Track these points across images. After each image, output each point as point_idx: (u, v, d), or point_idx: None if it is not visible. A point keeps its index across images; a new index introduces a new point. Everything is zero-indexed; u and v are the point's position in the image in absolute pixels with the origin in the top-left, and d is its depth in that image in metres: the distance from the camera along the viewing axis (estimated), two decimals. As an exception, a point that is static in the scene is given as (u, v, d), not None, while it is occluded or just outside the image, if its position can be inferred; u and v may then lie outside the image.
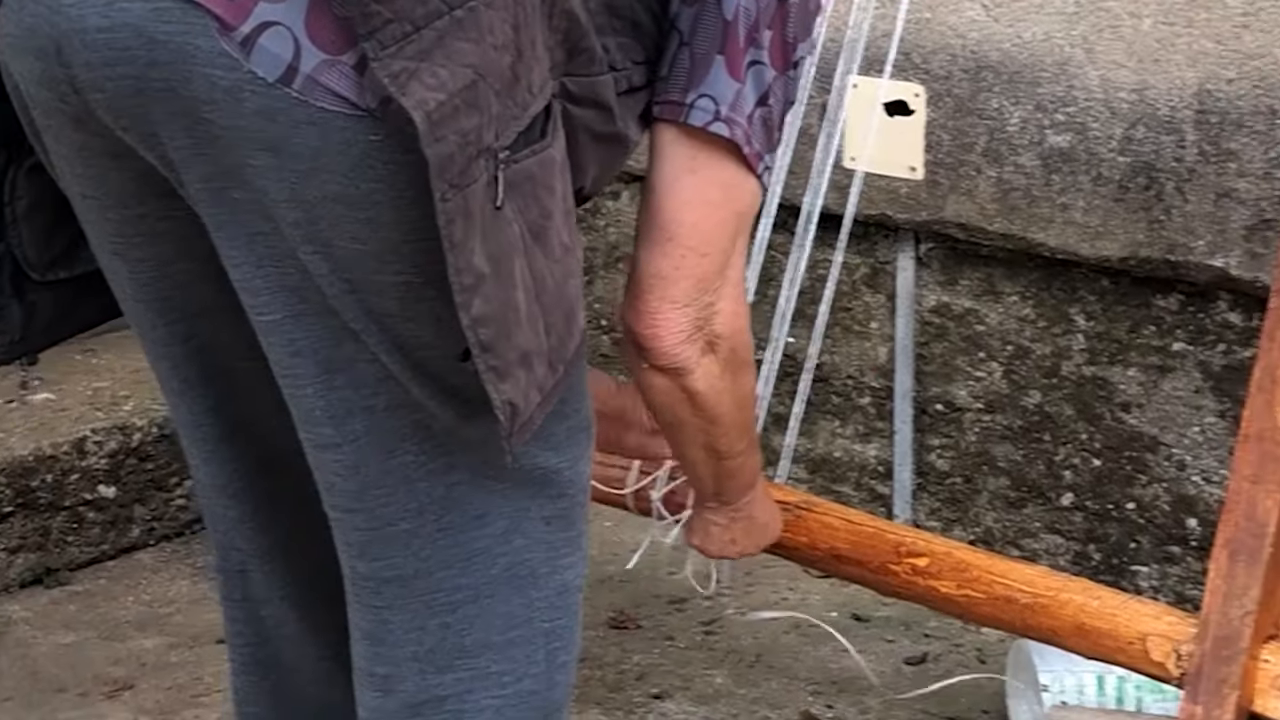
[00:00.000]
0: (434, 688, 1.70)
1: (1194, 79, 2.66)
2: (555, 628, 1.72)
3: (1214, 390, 2.76)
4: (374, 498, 1.63)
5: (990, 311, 2.97)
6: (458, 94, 1.45)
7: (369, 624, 1.70)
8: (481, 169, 1.48)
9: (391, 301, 1.54)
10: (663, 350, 1.76)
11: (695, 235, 1.74)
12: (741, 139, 1.72)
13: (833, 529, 2.33)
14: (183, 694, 2.69)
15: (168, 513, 3.14)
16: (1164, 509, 2.83)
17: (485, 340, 1.50)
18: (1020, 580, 2.19)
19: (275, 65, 1.46)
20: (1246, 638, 1.98)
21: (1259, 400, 2.02)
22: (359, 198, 1.49)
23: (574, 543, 1.73)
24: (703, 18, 1.72)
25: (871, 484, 3.14)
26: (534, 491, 1.68)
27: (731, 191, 1.75)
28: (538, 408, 1.58)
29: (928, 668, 2.75)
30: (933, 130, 2.89)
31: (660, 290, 1.75)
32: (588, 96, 1.67)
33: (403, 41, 1.44)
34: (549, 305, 1.57)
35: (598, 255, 3.40)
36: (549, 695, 1.74)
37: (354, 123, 1.47)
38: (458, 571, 1.67)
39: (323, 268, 1.52)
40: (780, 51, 1.74)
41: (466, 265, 1.47)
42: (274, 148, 1.48)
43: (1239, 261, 2.65)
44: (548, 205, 1.57)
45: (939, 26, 2.89)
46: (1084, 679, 2.42)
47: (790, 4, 1.74)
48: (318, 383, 1.59)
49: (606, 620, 2.82)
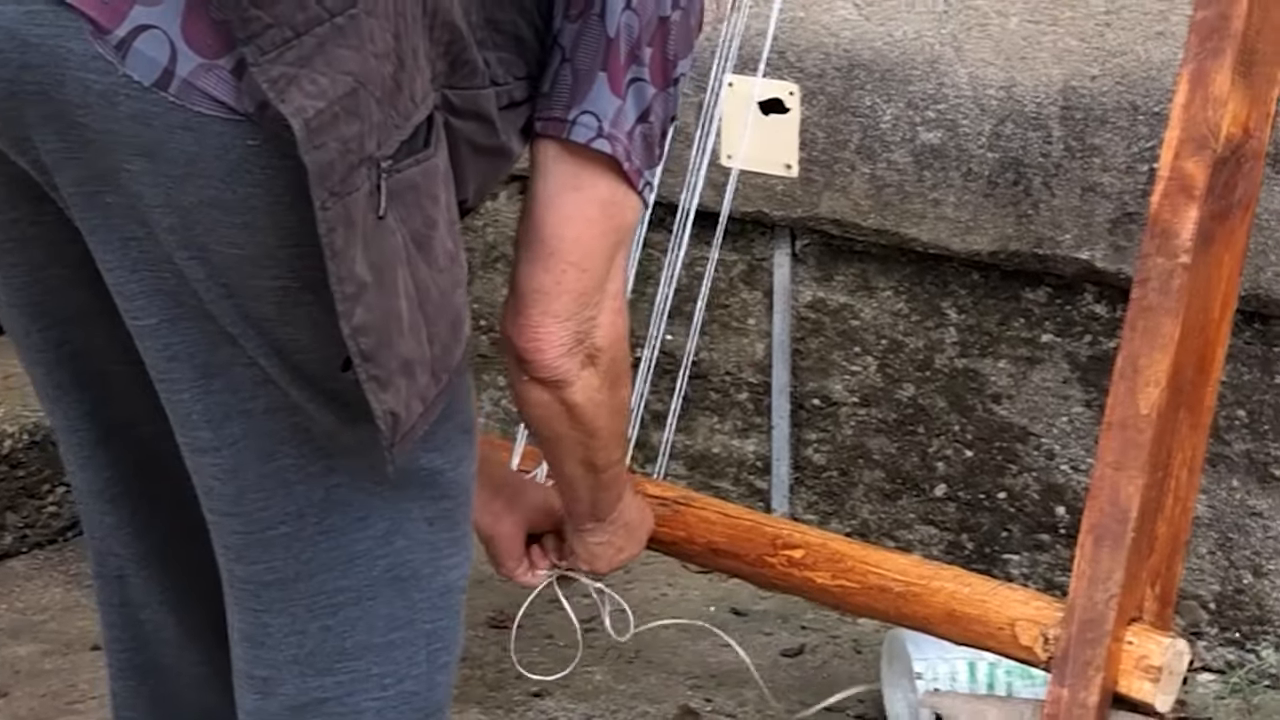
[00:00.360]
0: (314, 690, 1.70)
1: (1059, 76, 2.71)
2: (437, 629, 1.73)
3: (1081, 380, 2.81)
4: (252, 501, 1.63)
5: (865, 306, 3.01)
6: (338, 101, 1.46)
7: (249, 627, 1.70)
8: (363, 177, 1.48)
9: (269, 306, 1.54)
10: (544, 363, 1.78)
11: (576, 251, 1.75)
12: (622, 155, 1.74)
13: (710, 523, 2.36)
14: (58, 700, 2.68)
15: (40, 520, 3.12)
16: (1034, 498, 2.88)
17: (366, 349, 1.51)
18: (893, 570, 2.22)
19: (151, 69, 1.46)
20: (1111, 620, 2.02)
21: (1121, 388, 2.06)
22: (235, 203, 1.49)
23: (457, 543, 1.74)
24: (585, 35, 1.73)
25: (750, 479, 3.17)
26: (416, 493, 1.68)
27: (612, 208, 1.76)
28: (420, 417, 1.58)
29: (805, 659, 2.78)
30: (807, 128, 2.93)
31: (542, 305, 1.76)
32: (469, 109, 1.68)
33: (282, 47, 1.44)
34: (433, 314, 1.58)
35: (475, 255, 3.42)
36: (430, 696, 1.74)
37: (231, 127, 1.47)
38: (339, 574, 1.67)
39: (199, 272, 1.52)
40: (661, 68, 1.76)
41: (348, 274, 1.48)
42: (149, 152, 1.48)
43: (1104, 254, 2.70)
44: (431, 214, 1.58)
45: (812, 26, 2.92)
46: (956, 666, 2.47)
47: (671, 22, 1.75)
48: (195, 387, 1.59)
49: (486, 620, 2.83)
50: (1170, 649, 2.02)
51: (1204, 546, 2.74)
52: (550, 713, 2.64)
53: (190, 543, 1.78)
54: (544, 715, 2.63)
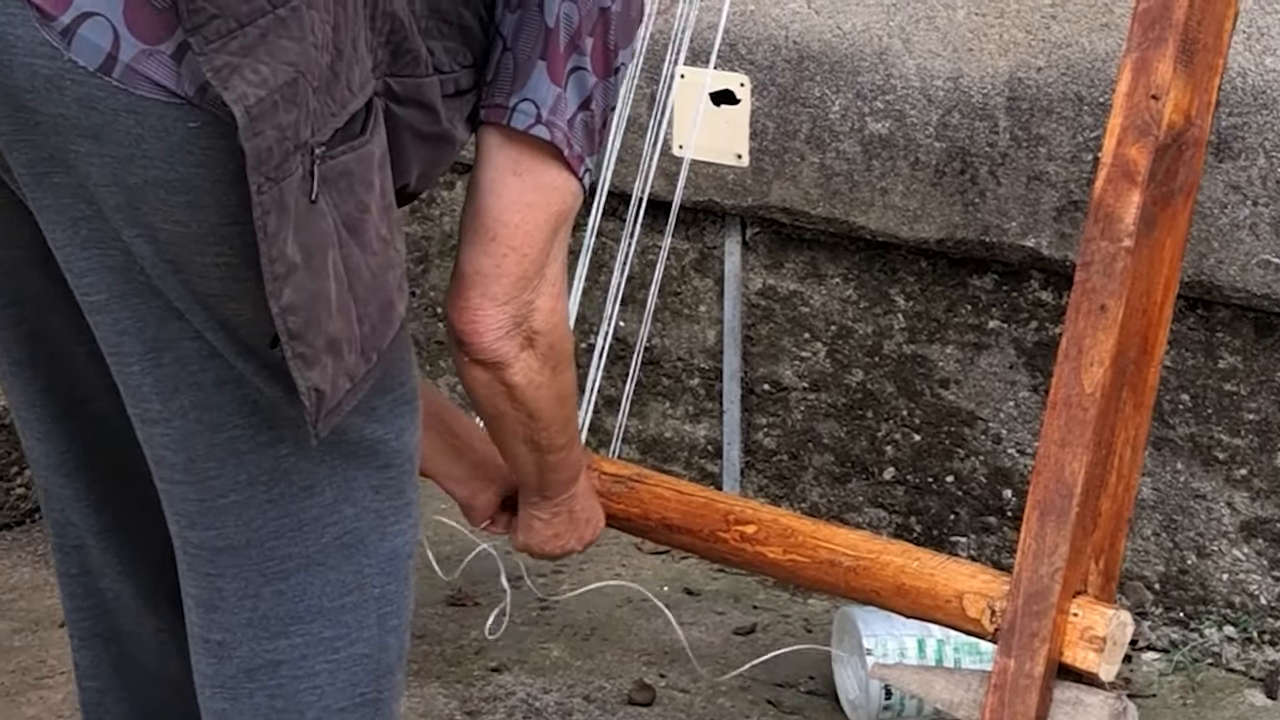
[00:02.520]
0: (268, 652, 1.74)
1: (1005, 68, 2.75)
2: (386, 593, 1.78)
3: (1027, 366, 2.86)
4: (203, 470, 1.68)
5: (814, 293, 3.05)
6: (278, 90, 1.50)
7: (202, 591, 1.74)
8: (298, 163, 1.53)
9: (213, 282, 1.58)
10: (482, 345, 1.82)
11: (517, 235, 1.80)
12: (562, 142, 1.78)
13: (664, 500, 2.40)
14: (27, 676, 2.71)
15: (7, 502, 3.15)
16: (981, 481, 2.93)
17: (293, 328, 1.56)
18: (843, 544, 2.26)
19: (95, 54, 1.50)
20: (1056, 593, 2.07)
21: (1066, 368, 2.10)
22: (178, 182, 1.53)
23: (403, 511, 1.78)
24: (525, 24, 1.78)
25: (701, 463, 3.21)
26: (361, 462, 1.73)
27: (553, 194, 1.81)
28: (347, 394, 1.63)
29: (756, 637, 2.82)
30: (757, 118, 2.97)
31: (481, 287, 1.81)
32: (411, 97, 1.72)
33: (226, 37, 1.49)
34: (363, 296, 1.63)
35: (433, 244, 3.45)
36: (381, 658, 1.79)
37: (172, 110, 1.51)
38: (289, 540, 1.72)
39: (146, 250, 1.57)
40: (602, 58, 1.80)
41: (279, 255, 1.53)
42: (95, 135, 1.52)
43: (1049, 242, 2.75)
44: (364, 200, 1.62)
45: (763, 18, 2.96)
46: (905, 642, 2.51)
47: (612, 13, 1.79)
48: (145, 360, 1.63)
49: (444, 599, 2.87)
50: (1114, 620, 2.07)
51: (1149, 528, 2.79)
52: (509, 687, 2.67)
53: (146, 515, 1.82)
54: (502, 689, 2.67)
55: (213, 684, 1.77)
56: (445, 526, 2.96)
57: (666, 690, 2.67)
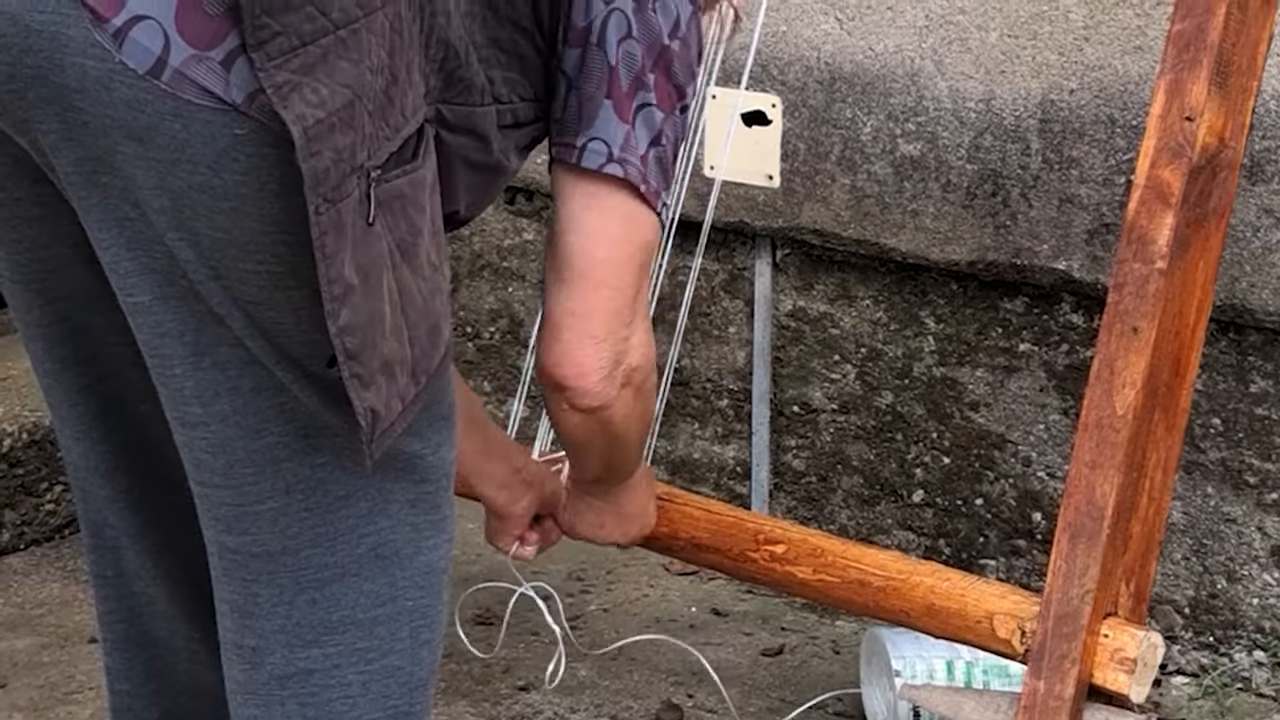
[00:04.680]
0: (301, 660, 1.74)
1: (1038, 90, 2.75)
2: (419, 606, 1.77)
3: (1057, 389, 2.86)
4: (241, 476, 1.68)
5: (844, 315, 3.05)
6: (335, 112, 1.51)
7: (237, 597, 1.74)
8: (354, 185, 1.54)
9: (255, 290, 1.58)
10: (586, 389, 1.83)
11: (606, 269, 1.80)
12: (637, 177, 1.79)
13: (694, 519, 2.40)
14: (55, 691, 2.71)
15: (38, 518, 3.16)
16: (1010, 504, 2.92)
17: (351, 349, 1.56)
18: (873, 564, 2.26)
19: (145, 58, 1.51)
20: (1086, 615, 2.07)
21: (1098, 390, 2.10)
22: (223, 189, 1.54)
23: (438, 525, 1.78)
24: (588, 62, 1.79)
25: (730, 484, 3.21)
26: (398, 475, 1.73)
27: (634, 227, 1.81)
28: (399, 415, 1.64)
29: (784, 659, 2.82)
30: (789, 139, 2.97)
31: (578, 327, 1.80)
32: (463, 125, 1.73)
33: (289, 55, 1.50)
34: (414, 319, 1.63)
35: (462, 264, 3.46)
36: (413, 671, 1.78)
37: (219, 116, 1.52)
38: (324, 550, 1.72)
39: (189, 254, 1.57)
40: (667, 93, 1.81)
41: (337, 276, 1.53)
42: (141, 137, 1.53)
43: (1081, 264, 2.75)
44: (417, 223, 1.63)
45: (795, 39, 2.96)
46: (934, 664, 2.50)
47: (671, 50, 1.81)
48: (185, 363, 1.64)
49: (473, 617, 2.87)
50: (1145, 641, 2.07)
51: (1179, 552, 2.78)
52: (536, 706, 2.67)
53: (182, 522, 1.82)
54: (530, 709, 2.67)
55: (245, 690, 1.77)
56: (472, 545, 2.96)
57: (694, 710, 2.66)
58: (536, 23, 1.80)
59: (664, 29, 1.81)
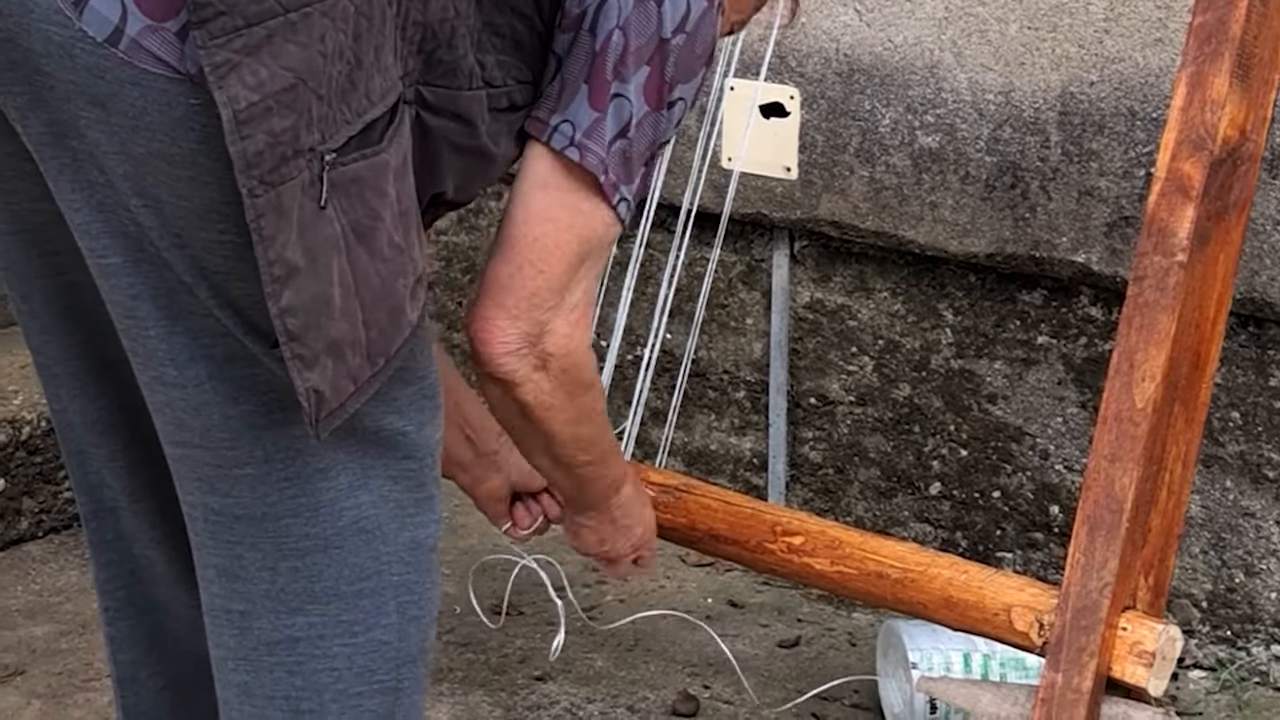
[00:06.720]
0: (287, 627, 1.75)
1: (1058, 82, 2.75)
2: (405, 582, 1.78)
3: (1076, 382, 2.85)
4: (220, 440, 1.69)
5: (862, 307, 3.05)
6: (274, 95, 1.52)
7: (223, 560, 1.75)
8: (300, 168, 1.55)
9: (219, 259, 1.60)
10: (489, 356, 1.82)
11: (535, 249, 1.80)
12: (595, 167, 1.78)
13: (711, 510, 2.40)
14: (73, 678, 2.72)
15: (56, 505, 3.16)
16: (1028, 497, 2.92)
17: (293, 329, 1.58)
18: (891, 556, 2.26)
19: (103, 26, 1.54)
20: (1105, 608, 2.06)
21: (1117, 383, 2.10)
22: (181, 156, 1.56)
23: (424, 503, 1.79)
24: (576, 46, 1.79)
25: (746, 475, 3.21)
26: (380, 451, 1.74)
27: (579, 216, 1.81)
28: (351, 396, 1.64)
29: (800, 650, 2.82)
30: (807, 131, 2.97)
31: (496, 297, 1.81)
32: (446, 108, 1.73)
33: (231, 34, 1.51)
34: (370, 301, 1.64)
35: (480, 254, 3.46)
36: (401, 646, 1.79)
37: (174, 85, 1.54)
38: (305, 520, 1.73)
39: (153, 221, 1.59)
40: (656, 89, 1.80)
41: (277, 258, 1.55)
42: (104, 103, 1.55)
43: (1100, 257, 2.74)
44: (375, 207, 1.63)
45: (813, 31, 2.96)
46: (951, 657, 2.50)
47: (671, 45, 1.80)
48: (159, 325, 1.65)
49: (489, 607, 2.87)
50: (1164, 634, 2.07)
51: (1197, 546, 2.78)
52: (553, 696, 2.67)
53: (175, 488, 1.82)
54: (546, 698, 2.67)
55: (235, 656, 1.78)
56: (490, 535, 2.97)
57: (710, 701, 2.66)
58: (537, 7, 1.79)
59: (667, 22, 1.79)
